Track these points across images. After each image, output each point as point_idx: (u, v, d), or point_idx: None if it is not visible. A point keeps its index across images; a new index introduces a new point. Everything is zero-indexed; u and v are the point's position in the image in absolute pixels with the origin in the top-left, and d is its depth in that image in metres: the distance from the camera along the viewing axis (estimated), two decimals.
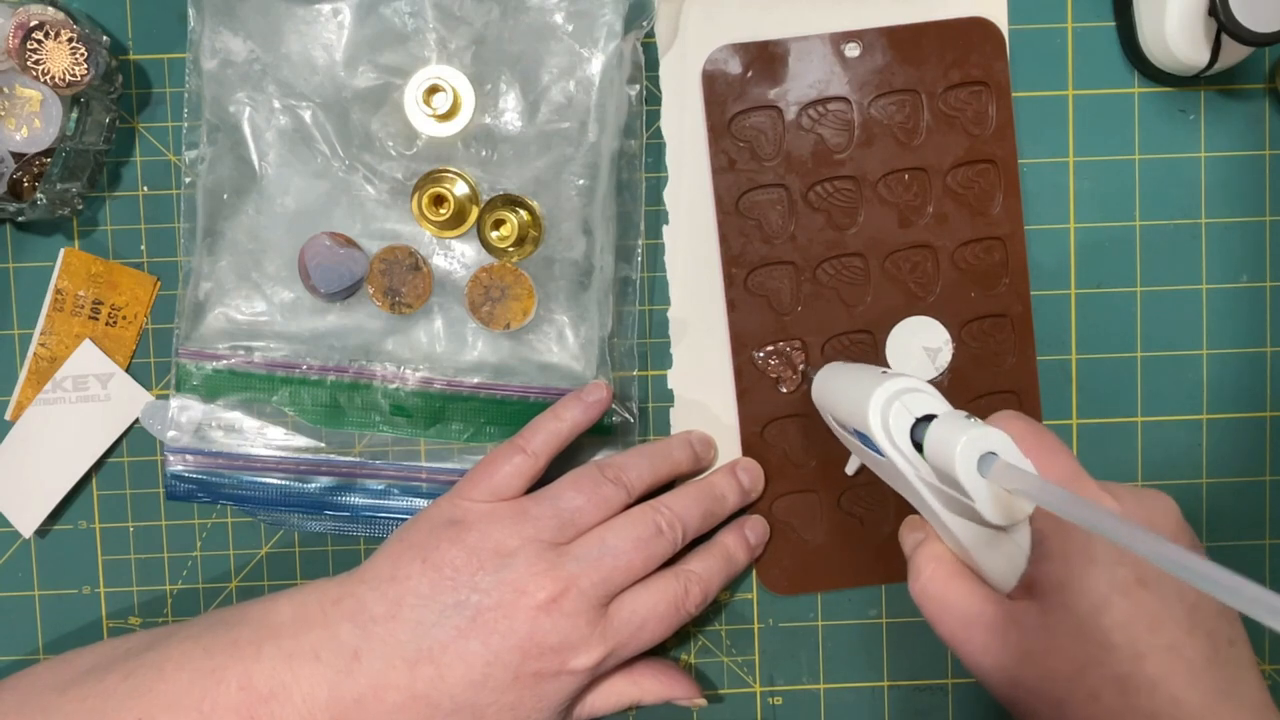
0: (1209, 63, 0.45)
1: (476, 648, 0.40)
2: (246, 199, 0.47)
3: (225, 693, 0.39)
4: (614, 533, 0.43)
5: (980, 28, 0.47)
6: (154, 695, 0.39)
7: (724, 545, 0.46)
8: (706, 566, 0.45)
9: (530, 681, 0.41)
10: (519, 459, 0.43)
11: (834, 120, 0.47)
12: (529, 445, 0.44)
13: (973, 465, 0.33)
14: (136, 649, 0.41)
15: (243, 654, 0.40)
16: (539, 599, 0.41)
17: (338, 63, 0.46)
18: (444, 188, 0.46)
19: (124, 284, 0.48)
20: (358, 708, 0.40)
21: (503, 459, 0.43)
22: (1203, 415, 0.49)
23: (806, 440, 0.48)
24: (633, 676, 0.45)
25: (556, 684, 0.41)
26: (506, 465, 0.43)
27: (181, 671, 0.40)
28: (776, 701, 0.50)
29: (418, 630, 0.40)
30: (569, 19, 0.46)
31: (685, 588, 0.44)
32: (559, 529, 0.42)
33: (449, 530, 0.42)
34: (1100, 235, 0.49)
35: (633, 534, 0.43)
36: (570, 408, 0.45)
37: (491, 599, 0.40)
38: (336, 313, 0.47)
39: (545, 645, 0.41)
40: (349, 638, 0.40)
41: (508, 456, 0.43)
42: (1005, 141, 0.47)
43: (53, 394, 0.48)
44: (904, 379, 0.38)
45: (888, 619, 0.50)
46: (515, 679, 0.40)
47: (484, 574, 0.41)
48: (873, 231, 0.48)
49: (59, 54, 0.44)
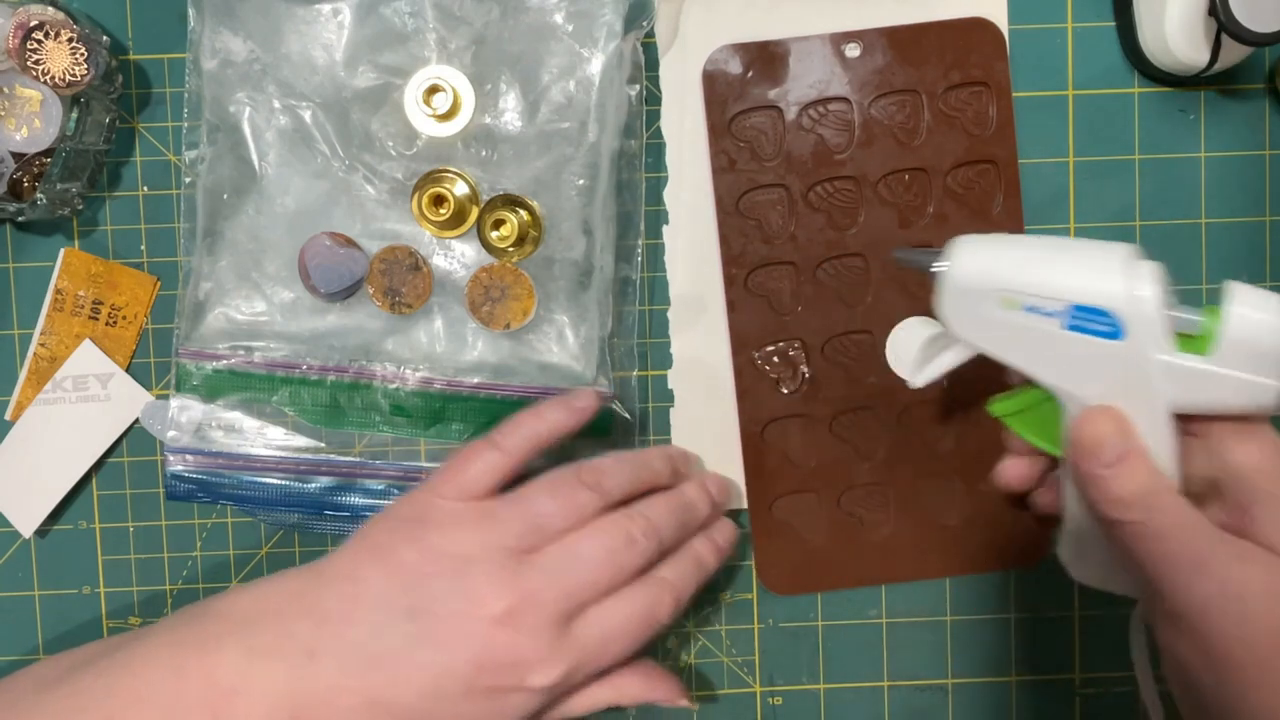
0: (1209, 63, 0.45)
1: (429, 657, 0.39)
2: (246, 199, 0.47)
3: (190, 688, 0.39)
4: (585, 542, 0.41)
5: (980, 28, 0.47)
6: (123, 692, 0.39)
7: (695, 550, 0.44)
8: (679, 573, 0.43)
9: (484, 696, 0.39)
10: (492, 456, 0.42)
11: (834, 120, 0.47)
12: (504, 443, 0.42)
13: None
14: (113, 646, 0.41)
15: (206, 648, 0.39)
16: (495, 611, 0.39)
17: (338, 63, 0.46)
18: (444, 188, 0.46)
19: (124, 284, 0.48)
20: (314, 709, 0.39)
21: (475, 455, 0.42)
22: None
23: (806, 440, 0.48)
24: (609, 679, 0.43)
25: (513, 700, 0.39)
26: (478, 462, 0.41)
27: (149, 668, 0.39)
28: (776, 701, 0.50)
29: (371, 634, 0.39)
30: (569, 19, 0.46)
31: (658, 597, 0.41)
32: (525, 535, 0.40)
33: (411, 529, 0.41)
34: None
35: (605, 544, 0.41)
36: (555, 410, 0.43)
37: (446, 608, 0.39)
38: (336, 313, 0.47)
39: (500, 661, 0.39)
40: (304, 636, 0.39)
41: (480, 453, 0.42)
42: (1005, 142, 0.47)
43: (53, 394, 0.48)
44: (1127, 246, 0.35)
45: (888, 619, 0.50)
46: (468, 692, 0.39)
47: (441, 580, 0.39)
48: (873, 232, 0.48)
49: (59, 54, 0.44)
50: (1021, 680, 0.50)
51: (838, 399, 0.48)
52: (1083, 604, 0.50)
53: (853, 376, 0.48)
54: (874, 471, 0.49)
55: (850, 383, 0.48)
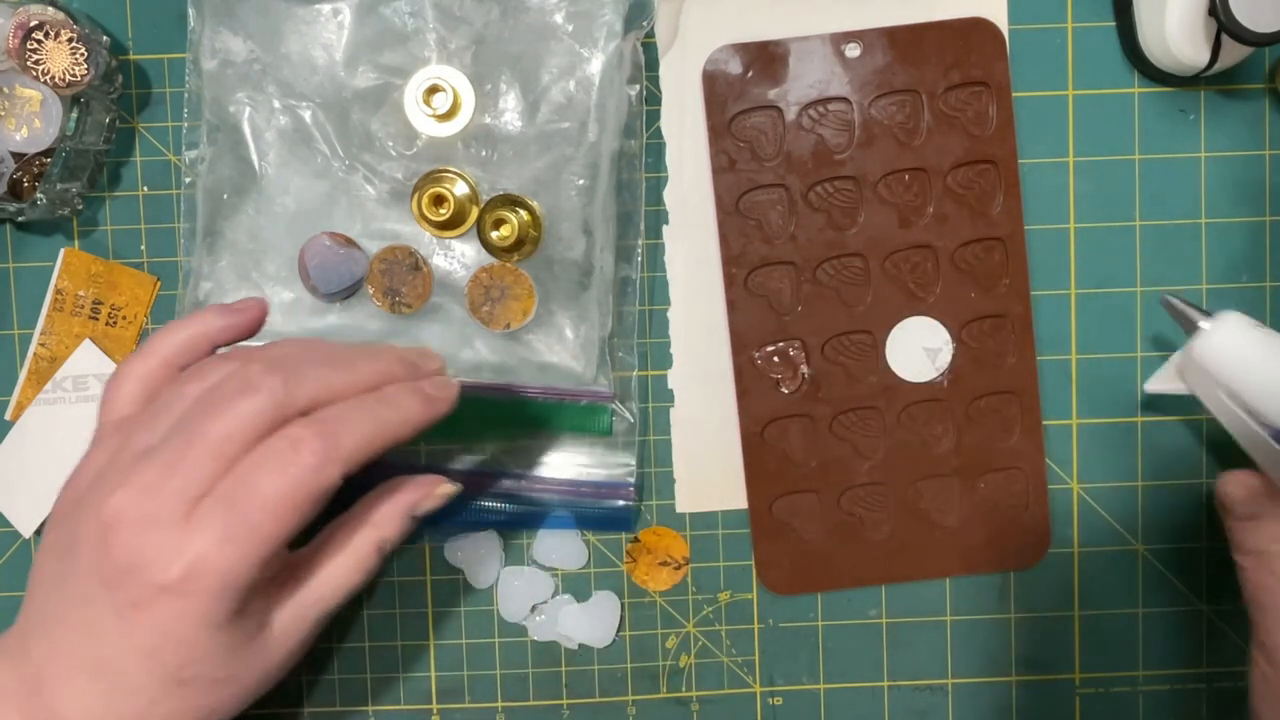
0: (1209, 63, 0.45)
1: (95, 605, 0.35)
2: (246, 199, 0.47)
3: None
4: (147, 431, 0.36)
5: (980, 28, 0.47)
6: None
7: (381, 392, 0.37)
8: (335, 412, 0.36)
9: (132, 622, 0.34)
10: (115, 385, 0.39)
11: (834, 120, 0.47)
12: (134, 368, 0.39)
13: None
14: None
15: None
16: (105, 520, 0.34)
17: (338, 63, 0.46)
18: (444, 188, 0.46)
19: (124, 284, 0.48)
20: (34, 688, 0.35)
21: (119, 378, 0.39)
22: (1203, 415, 0.49)
23: (806, 440, 0.48)
24: (357, 518, 0.39)
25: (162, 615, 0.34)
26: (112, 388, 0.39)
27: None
28: (776, 701, 0.50)
29: None
30: (569, 19, 0.46)
31: (291, 443, 0.35)
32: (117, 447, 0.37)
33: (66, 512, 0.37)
34: (1100, 235, 0.49)
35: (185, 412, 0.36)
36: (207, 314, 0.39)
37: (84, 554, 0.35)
38: (336, 313, 0.47)
39: (118, 566, 0.34)
40: None
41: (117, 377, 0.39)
42: (1005, 142, 0.47)
43: (53, 394, 0.48)
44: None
45: (888, 619, 0.50)
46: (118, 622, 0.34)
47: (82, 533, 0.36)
48: (873, 232, 0.48)
49: (59, 54, 0.44)
50: (1021, 680, 0.50)
51: (838, 399, 0.48)
52: (1083, 604, 0.50)
53: (853, 376, 0.48)
54: (874, 471, 0.49)
55: (850, 383, 0.48)
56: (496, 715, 0.50)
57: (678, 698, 0.50)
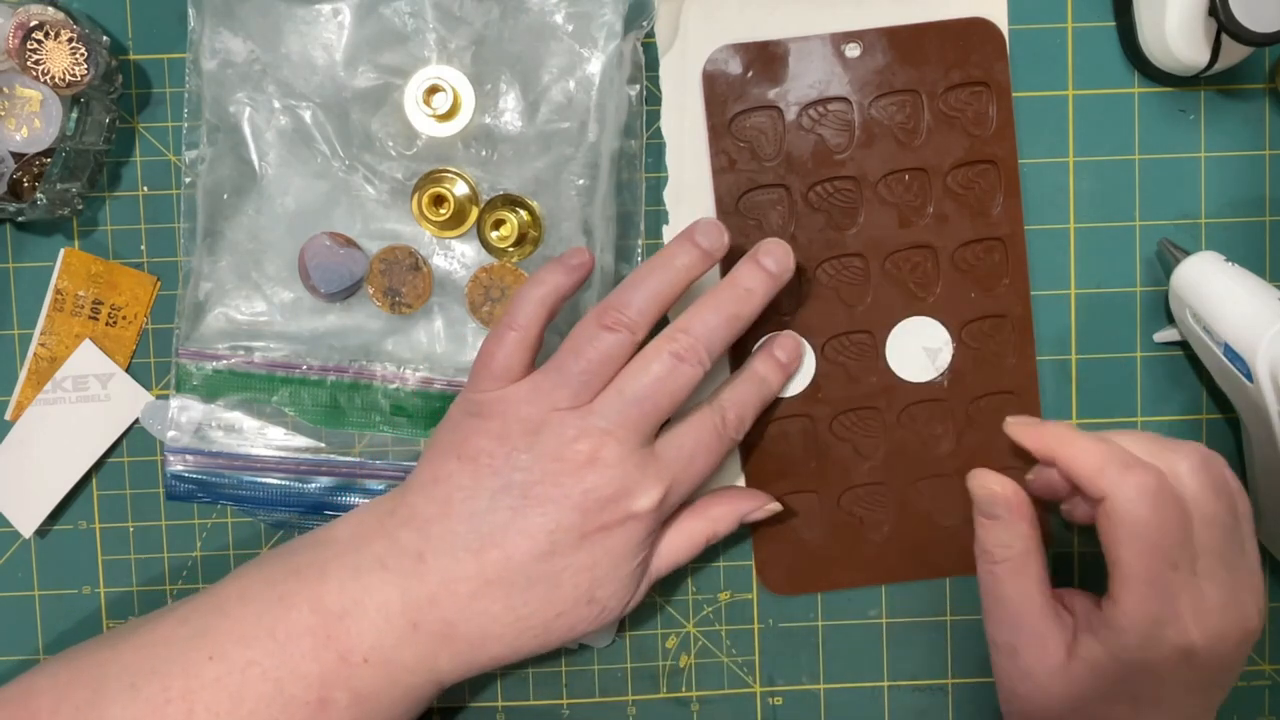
0: (1209, 63, 0.45)
1: (535, 522, 0.41)
2: (246, 199, 0.47)
3: (297, 617, 0.40)
4: (630, 380, 0.42)
5: (980, 28, 0.47)
6: (220, 632, 0.40)
7: (754, 370, 0.46)
8: (738, 393, 0.45)
9: (598, 537, 0.41)
10: (510, 337, 0.42)
11: (834, 120, 0.47)
12: (515, 321, 0.42)
13: None
14: (182, 602, 0.42)
15: (307, 578, 0.40)
16: (580, 459, 0.41)
17: (338, 63, 0.46)
18: (444, 188, 0.46)
19: (124, 284, 0.48)
20: (433, 605, 0.40)
21: (494, 344, 0.42)
22: (1202, 415, 0.49)
23: (806, 440, 0.48)
24: (698, 511, 0.45)
25: (624, 532, 0.41)
26: (501, 348, 0.42)
27: (246, 606, 0.40)
28: (776, 701, 0.50)
29: (473, 520, 0.41)
30: (569, 19, 0.46)
31: (722, 416, 0.43)
32: (575, 394, 0.41)
33: (473, 423, 0.42)
34: (1100, 235, 0.49)
35: (650, 374, 0.42)
36: (552, 273, 0.43)
37: (535, 474, 0.41)
38: (336, 313, 0.47)
39: (603, 497, 0.41)
40: (410, 542, 0.41)
41: (500, 339, 0.42)
42: (1005, 142, 0.47)
43: (53, 394, 0.48)
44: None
45: (888, 619, 0.50)
46: (582, 538, 0.41)
47: (518, 453, 0.41)
48: (873, 232, 0.48)
49: (59, 54, 0.44)
50: None
51: (838, 399, 0.48)
52: None
53: (853, 376, 0.48)
54: (874, 471, 0.49)
55: (850, 383, 0.48)
56: (496, 715, 0.50)
57: (678, 698, 0.50)
